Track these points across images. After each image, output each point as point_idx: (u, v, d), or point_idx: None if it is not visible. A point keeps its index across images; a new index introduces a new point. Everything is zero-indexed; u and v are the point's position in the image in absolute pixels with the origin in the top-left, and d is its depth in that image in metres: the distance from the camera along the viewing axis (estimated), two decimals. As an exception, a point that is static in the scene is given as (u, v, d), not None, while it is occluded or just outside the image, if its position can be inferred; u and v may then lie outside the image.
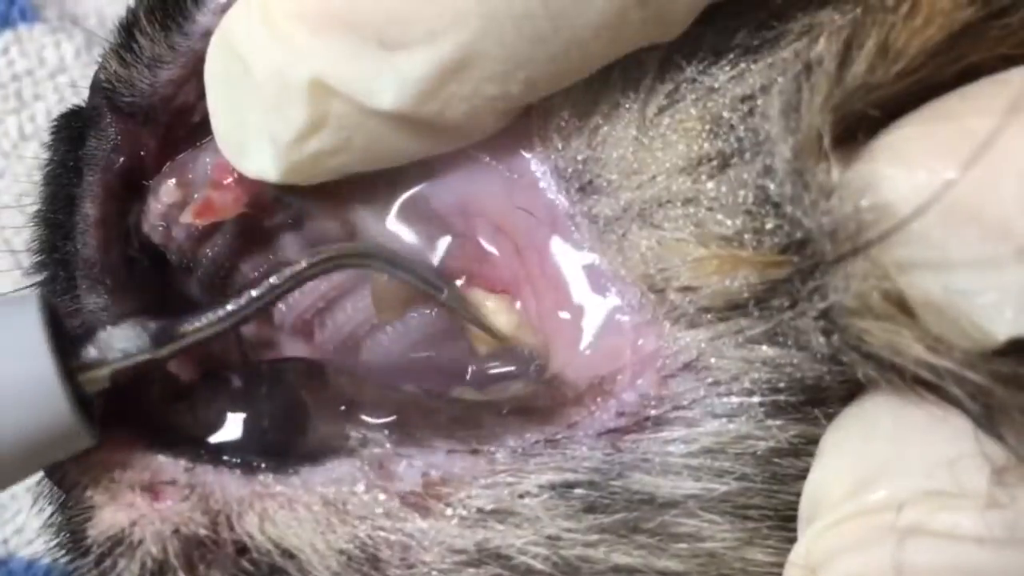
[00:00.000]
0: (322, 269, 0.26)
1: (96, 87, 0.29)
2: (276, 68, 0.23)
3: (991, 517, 0.20)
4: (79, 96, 0.51)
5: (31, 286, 0.30)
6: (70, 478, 0.26)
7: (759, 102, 0.23)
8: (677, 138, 0.24)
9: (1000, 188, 0.19)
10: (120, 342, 0.25)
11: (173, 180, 0.29)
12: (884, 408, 0.22)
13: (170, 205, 0.29)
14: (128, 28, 0.28)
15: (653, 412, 0.24)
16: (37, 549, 0.42)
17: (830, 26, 0.22)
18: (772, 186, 0.23)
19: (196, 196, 0.28)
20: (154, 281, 0.30)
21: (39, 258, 0.30)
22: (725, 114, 0.23)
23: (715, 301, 0.24)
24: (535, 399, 0.26)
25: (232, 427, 0.26)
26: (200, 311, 0.25)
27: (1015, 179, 0.19)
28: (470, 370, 0.27)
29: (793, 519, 0.24)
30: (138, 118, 0.28)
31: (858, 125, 0.22)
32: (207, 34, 0.26)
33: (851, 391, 0.23)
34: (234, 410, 0.26)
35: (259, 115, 0.24)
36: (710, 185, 0.23)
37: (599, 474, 0.24)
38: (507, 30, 0.21)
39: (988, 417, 0.21)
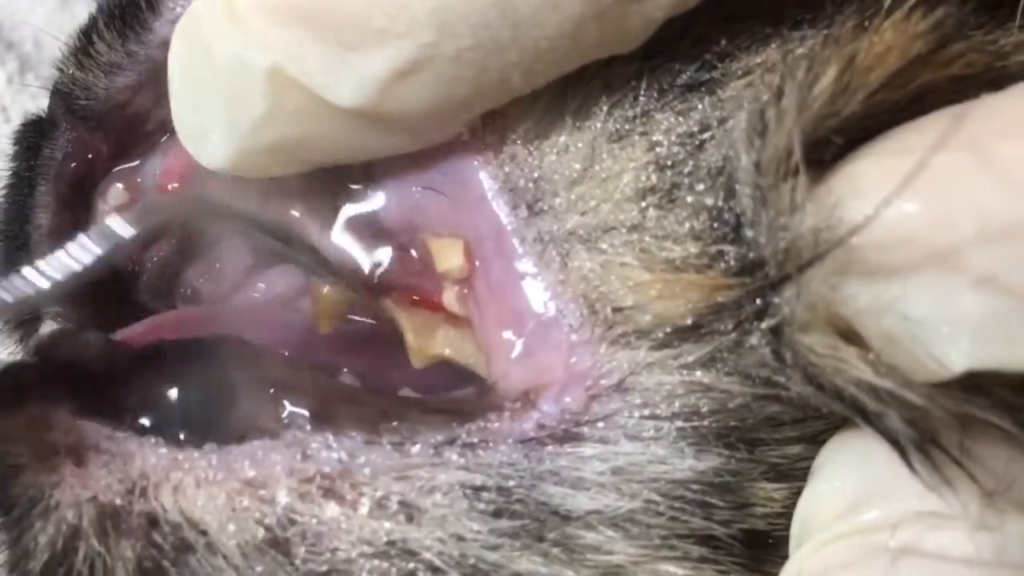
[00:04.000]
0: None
1: (54, 91, 0.29)
2: (236, 55, 0.23)
3: (980, 539, 0.20)
4: (10, 124, 0.51)
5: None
6: (2, 434, 0.26)
7: (711, 133, 0.23)
8: (625, 168, 0.24)
9: (956, 222, 0.19)
10: None
11: (121, 184, 0.29)
12: None
13: (117, 209, 0.29)
14: (87, 34, 0.28)
15: (573, 428, 0.24)
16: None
17: (787, 58, 0.23)
18: (727, 208, 0.23)
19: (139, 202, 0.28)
20: (109, 288, 0.29)
21: None
22: (673, 146, 0.24)
23: (655, 324, 0.24)
24: (461, 401, 0.25)
25: (161, 399, 0.26)
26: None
27: (970, 213, 0.19)
28: (411, 378, 0.27)
29: (713, 539, 0.24)
30: (91, 123, 0.29)
31: (820, 152, 0.22)
32: (164, 43, 0.26)
33: (783, 431, 0.24)
34: (165, 382, 0.26)
35: (218, 103, 0.23)
36: (657, 213, 0.24)
37: (511, 480, 0.24)
38: (463, 37, 0.21)
39: (922, 445, 0.21)
